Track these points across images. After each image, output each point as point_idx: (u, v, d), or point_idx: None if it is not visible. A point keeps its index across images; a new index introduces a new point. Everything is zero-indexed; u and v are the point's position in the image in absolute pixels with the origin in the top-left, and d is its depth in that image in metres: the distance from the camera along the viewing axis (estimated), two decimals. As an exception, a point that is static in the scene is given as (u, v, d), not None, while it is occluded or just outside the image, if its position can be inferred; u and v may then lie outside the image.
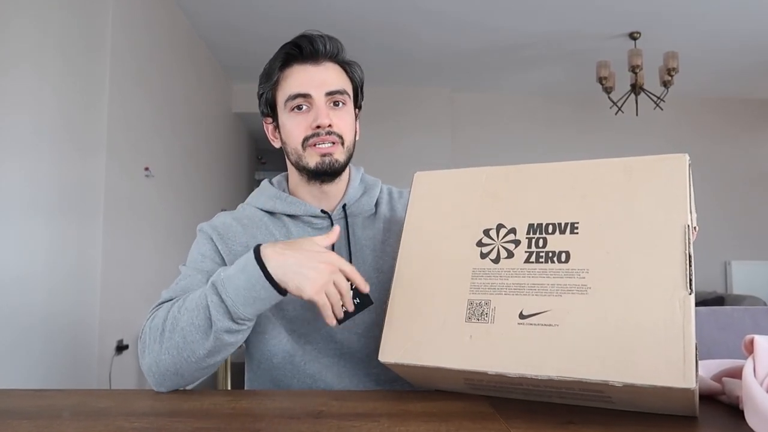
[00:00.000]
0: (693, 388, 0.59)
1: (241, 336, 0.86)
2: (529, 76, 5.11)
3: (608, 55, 4.34)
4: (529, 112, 5.60)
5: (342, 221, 1.07)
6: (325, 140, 1.00)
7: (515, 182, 0.81)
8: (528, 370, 0.66)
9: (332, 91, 1.01)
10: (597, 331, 0.65)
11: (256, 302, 0.82)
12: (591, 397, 0.68)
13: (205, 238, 1.05)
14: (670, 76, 4.07)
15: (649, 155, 0.74)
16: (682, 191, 0.69)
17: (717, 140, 5.57)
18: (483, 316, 0.72)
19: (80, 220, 2.56)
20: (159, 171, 3.40)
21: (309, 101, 1.00)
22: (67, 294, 2.46)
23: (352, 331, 1.01)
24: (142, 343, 0.88)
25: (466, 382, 0.75)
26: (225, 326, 0.82)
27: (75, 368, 2.54)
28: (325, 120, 0.99)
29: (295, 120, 1.01)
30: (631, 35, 4.15)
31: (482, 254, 0.77)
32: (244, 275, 0.81)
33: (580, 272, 0.69)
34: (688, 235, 0.66)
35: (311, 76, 1.01)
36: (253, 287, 0.81)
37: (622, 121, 5.09)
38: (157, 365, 0.85)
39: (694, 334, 0.61)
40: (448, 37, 4.27)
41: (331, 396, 0.81)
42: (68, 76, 2.46)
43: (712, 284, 5.36)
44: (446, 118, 5.43)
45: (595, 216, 0.72)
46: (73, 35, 2.49)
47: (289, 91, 1.01)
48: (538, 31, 4.14)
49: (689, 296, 0.63)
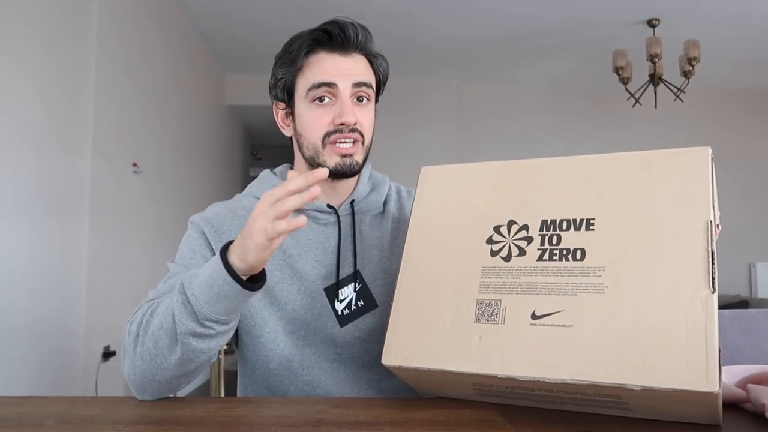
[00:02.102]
0: (716, 392, 0.58)
1: (214, 343, 0.82)
2: (541, 66, 5.11)
3: (625, 43, 4.33)
4: (540, 106, 5.60)
5: (349, 218, 1.06)
6: (347, 138, 0.98)
7: (527, 177, 0.81)
8: (541, 373, 0.66)
9: (360, 82, 0.99)
10: (614, 332, 0.65)
11: (221, 299, 0.77)
12: (607, 404, 0.68)
13: (196, 232, 1.03)
14: (691, 65, 4.06)
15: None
16: (704, 186, 0.69)
17: (741, 134, 5.55)
18: (493, 316, 0.72)
19: (64, 219, 2.56)
20: (148, 167, 3.40)
21: (333, 93, 0.98)
22: (51, 297, 2.47)
23: (354, 334, 1.01)
24: (123, 348, 0.87)
25: (473, 387, 0.75)
26: (189, 329, 0.78)
27: (60, 375, 2.54)
28: (351, 117, 0.97)
29: (316, 112, 0.99)
30: (649, 22, 4.14)
31: (492, 252, 0.77)
32: (208, 270, 0.78)
33: (596, 270, 0.69)
34: (711, 231, 0.66)
35: (339, 65, 0.99)
36: (215, 282, 0.77)
37: (640, 114, 5.08)
38: (134, 372, 0.83)
39: (717, 335, 0.61)
40: (456, 25, 4.26)
41: (330, 403, 0.81)
42: (52, 67, 2.46)
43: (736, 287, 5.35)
44: (453, 111, 5.43)
45: (612, 212, 0.72)
46: (56, 24, 2.50)
47: (313, 79, 0.98)
48: (550, 18, 4.14)
49: (712, 295, 0.63)
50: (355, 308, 1.02)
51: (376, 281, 1.03)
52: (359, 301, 1.02)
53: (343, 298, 1.02)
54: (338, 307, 1.01)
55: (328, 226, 1.05)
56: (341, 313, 1.01)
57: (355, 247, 1.04)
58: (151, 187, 3.48)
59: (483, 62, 5.03)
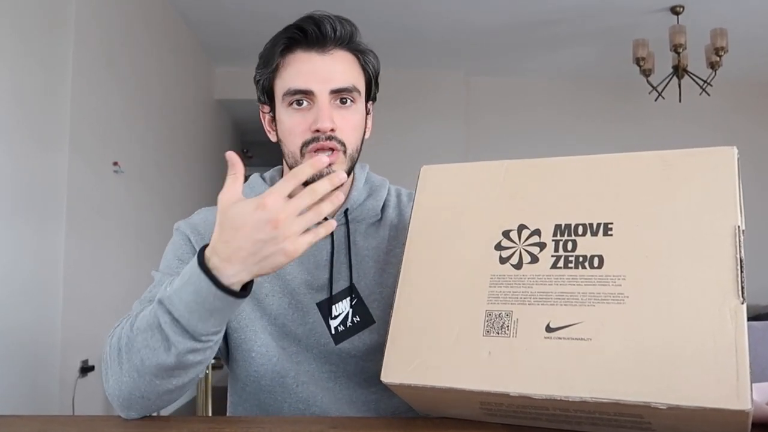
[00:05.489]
0: (748, 410, 0.58)
1: (210, 352, 0.83)
2: (556, 57, 5.11)
3: (647, 32, 4.33)
4: (555, 99, 5.60)
5: (343, 228, 1.06)
6: (324, 147, 0.97)
7: (539, 178, 0.80)
8: (557, 391, 0.66)
9: (339, 88, 0.98)
10: (636, 346, 0.65)
11: (215, 314, 0.78)
12: (628, 424, 0.67)
13: (181, 238, 1.04)
14: (718, 56, 4.06)
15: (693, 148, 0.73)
16: (730, 188, 0.69)
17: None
18: (504, 329, 0.72)
19: (39, 222, 2.56)
20: (130, 166, 3.40)
21: (310, 97, 0.98)
22: (25, 307, 2.46)
23: (350, 352, 1.01)
24: (105, 364, 0.87)
25: (481, 406, 0.74)
26: (187, 347, 0.79)
27: (34, 391, 2.54)
28: (326, 123, 0.96)
29: (293, 118, 0.99)
30: (673, 9, 4.14)
31: (502, 259, 0.76)
32: (191, 287, 0.77)
33: (615, 279, 0.69)
34: (739, 237, 0.66)
35: (315, 67, 0.98)
36: (204, 300, 0.76)
37: (663, 108, 5.07)
38: (120, 389, 0.84)
39: (747, 348, 0.61)
40: (464, 12, 4.26)
41: (328, 423, 0.81)
42: (25, 59, 2.46)
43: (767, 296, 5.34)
44: (460, 105, 5.43)
45: (632, 216, 0.72)
46: (31, 11, 2.50)
47: (288, 84, 0.98)
48: (565, 5, 4.14)
49: (741, 306, 0.63)
50: (351, 325, 1.02)
51: (372, 295, 1.03)
52: (355, 317, 1.02)
53: (338, 314, 1.02)
54: (332, 324, 1.01)
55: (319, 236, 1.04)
56: (336, 330, 1.01)
57: (350, 260, 1.04)
58: (133, 188, 3.48)
59: (492, 52, 5.04)
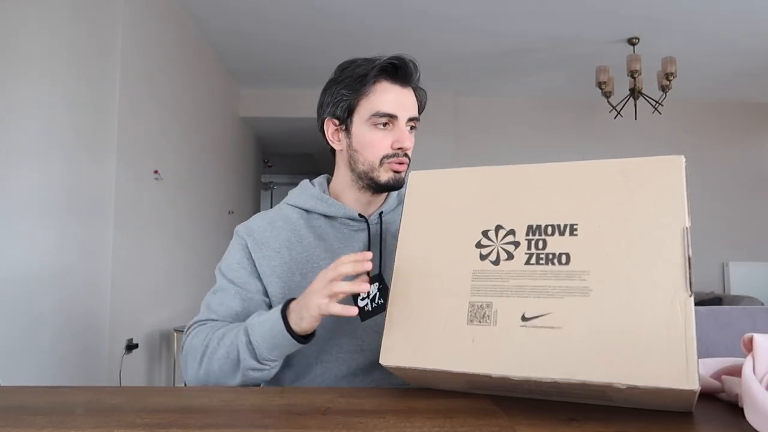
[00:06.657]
0: (695, 390, 0.59)
1: (267, 373, 0.95)
2: (531, 81, 5.11)
3: (608, 60, 4.34)
4: (530, 117, 5.60)
5: (377, 226, 1.11)
6: (402, 161, 1.08)
7: (513, 183, 0.79)
8: (532, 373, 0.65)
9: (412, 117, 1.09)
10: (600, 334, 0.65)
11: (278, 348, 0.92)
12: (591, 396, 0.68)
13: (239, 244, 1.09)
14: (668, 80, 4.06)
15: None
16: (679, 193, 0.68)
17: (715, 143, 5.55)
18: (485, 318, 0.71)
19: (91, 223, 2.57)
20: (168, 174, 3.41)
21: (393, 121, 1.06)
22: (78, 295, 2.47)
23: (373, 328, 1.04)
24: (184, 358, 1.00)
25: (467, 383, 0.74)
26: (250, 365, 0.93)
27: (86, 366, 2.55)
28: (408, 144, 1.07)
29: (377, 135, 1.06)
30: (629, 41, 4.15)
31: (482, 256, 0.75)
32: (269, 324, 0.91)
33: (581, 274, 0.69)
34: (688, 237, 0.66)
35: (400, 98, 1.07)
36: (275, 336, 0.90)
37: (622, 125, 5.09)
38: (197, 380, 0.98)
39: (695, 336, 0.61)
40: (452, 42, 4.27)
41: (338, 393, 0.81)
42: (79, 82, 2.47)
43: (710, 285, 5.35)
44: (449, 123, 5.43)
45: (594, 217, 0.71)
46: (83, 41, 2.50)
47: (379, 107, 1.05)
48: (539, 35, 4.15)
49: (689, 298, 0.63)
50: (375, 305, 1.06)
51: None
52: (380, 300, 1.06)
53: (365, 296, 1.06)
54: (360, 304, 1.05)
55: (358, 233, 1.10)
56: (363, 310, 1.04)
57: (381, 253, 1.08)
58: (170, 193, 3.48)
59: (477, 76, 5.04)
